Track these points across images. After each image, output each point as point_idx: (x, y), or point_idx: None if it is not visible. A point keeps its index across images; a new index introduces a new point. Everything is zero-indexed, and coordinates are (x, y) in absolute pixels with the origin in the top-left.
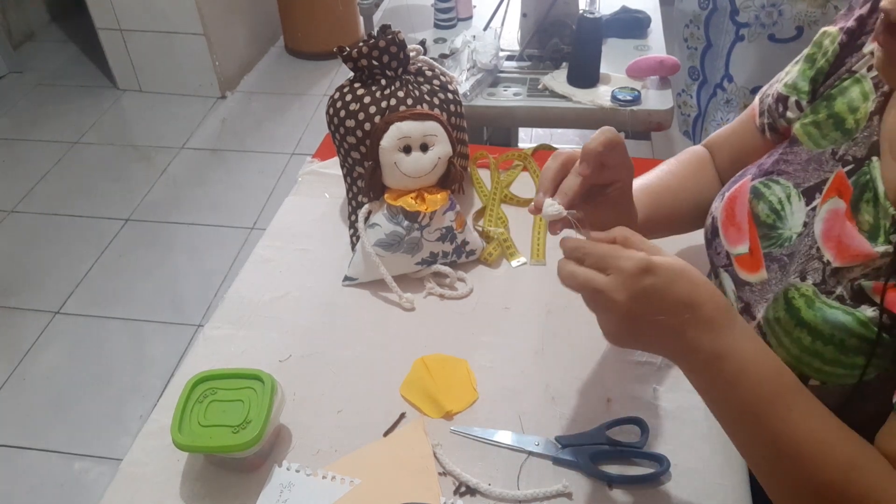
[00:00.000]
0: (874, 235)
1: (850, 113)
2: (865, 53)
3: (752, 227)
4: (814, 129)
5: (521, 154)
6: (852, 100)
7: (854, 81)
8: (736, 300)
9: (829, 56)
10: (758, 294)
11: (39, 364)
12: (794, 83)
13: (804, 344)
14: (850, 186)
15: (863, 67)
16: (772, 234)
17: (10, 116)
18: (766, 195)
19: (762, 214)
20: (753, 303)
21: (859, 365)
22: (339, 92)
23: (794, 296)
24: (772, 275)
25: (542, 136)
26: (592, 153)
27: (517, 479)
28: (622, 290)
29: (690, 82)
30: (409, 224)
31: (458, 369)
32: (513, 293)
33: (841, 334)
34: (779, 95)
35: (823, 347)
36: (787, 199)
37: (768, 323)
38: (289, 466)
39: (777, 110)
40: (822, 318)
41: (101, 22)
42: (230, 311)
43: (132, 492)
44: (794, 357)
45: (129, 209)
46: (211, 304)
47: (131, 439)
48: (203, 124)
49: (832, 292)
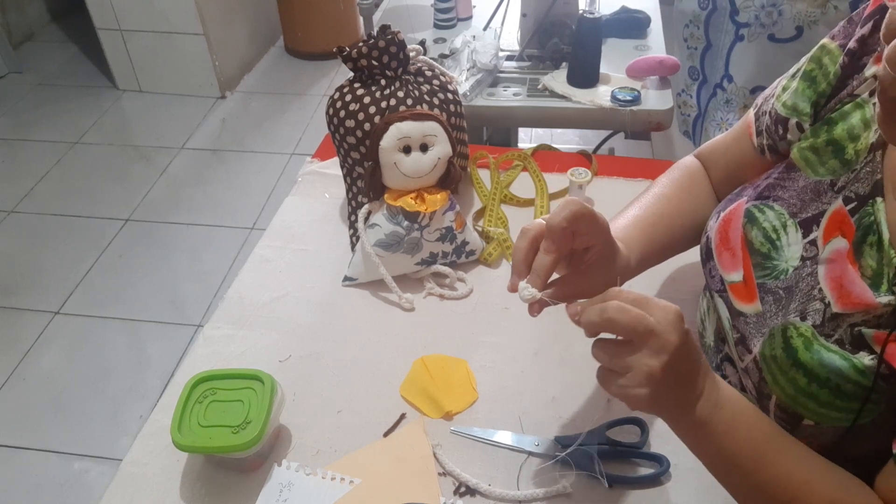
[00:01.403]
0: (877, 283)
1: (851, 141)
2: (867, 77)
3: (745, 255)
4: (812, 154)
5: (521, 154)
6: (853, 126)
7: (855, 106)
8: (731, 329)
9: (830, 79)
10: (753, 327)
11: (39, 364)
12: (793, 105)
13: (799, 385)
14: (852, 225)
15: (865, 91)
16: (766, 263)
17: (10, 116)
18: (760, 221)
19: (756, 242)
20: (749, 336)
21: (854, 409)
22: (338, 92)
23: (792, 335)
24: (766, 307)
25: (542, 136)
26: (557, 229)
27: (517, 479)
28: (674, 329)
29: (690, 82)
30: (408, 224)
31: (457, 369)
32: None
33: (837, 379)
34: (777, 117)
35: (819, 390)
36: (783, 229)
37: (765, 359)
38: (289, 466)
39: (777, 132)
40: (818, 362)
41: (101, 22)
42: (230, 311)
43: (132, 492)
44: (789, 396)
45: (129, 209)
46: (211, 304)
47: (131, 439)
48: (203, 124)
49: (831, 335)
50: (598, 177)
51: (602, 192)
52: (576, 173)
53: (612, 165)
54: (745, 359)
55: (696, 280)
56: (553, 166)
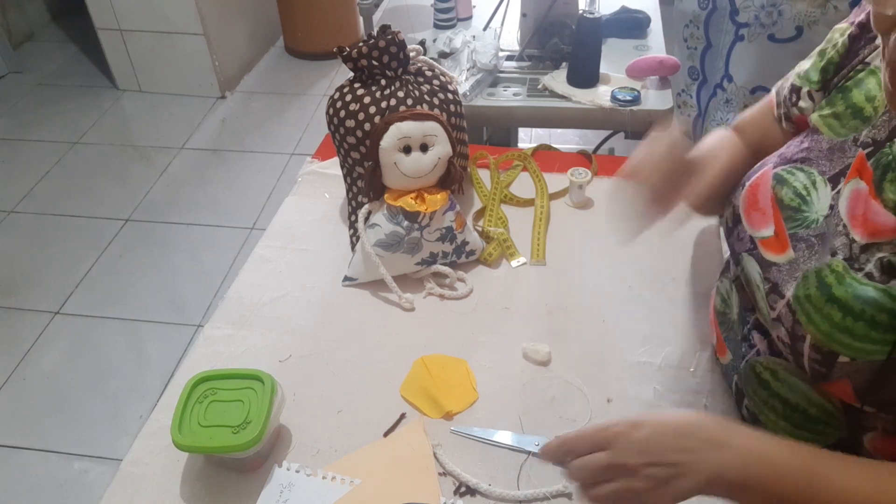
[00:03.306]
0: None
1: (868, 102)
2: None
3: (776, 211)
4: (833, 120)
5: (521, 154)
6: (869, 90)
7: (869, 73)
8: (762, 281)
9: (839, 48)
10: (786, 273)
11: (39, 364)
12: (805, 74)
13: (834, 320)
14: (869, 168)
15: (877, 59)
16: (797, 216)
17: (10, 116)
18: (790, 181)
19: (786, 198)
20: (781, 282)
21: (889, 341)
22: (338, 92)
23: (826, 274)
24: (799, 254)
25: (541, 136)
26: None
27: (517, 479)
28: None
29: (690, 82)
30: (408, 224)
31: (458, 369)
32: (513, 293)
33: (871, 310)
34: (792, 87)
35: (854, 323)
36: (813, 186)
37: (798, 300)
38: (289, 466)
39: (790, 100)
40: (852, 294)
41: (101, 22)
42: (230, 311)
43: (132, 492)
44: (824, 333)
45: (129, 209)
46: (211, 304)
47: (131, 439)
48: (203, 124)
49: (862, 269)
50: (598, 177)
51: (602, 192)
52: (576, 173)
53: (612, 165)
54: (778, 306)
55: (697, 283)
56: (553, 166)
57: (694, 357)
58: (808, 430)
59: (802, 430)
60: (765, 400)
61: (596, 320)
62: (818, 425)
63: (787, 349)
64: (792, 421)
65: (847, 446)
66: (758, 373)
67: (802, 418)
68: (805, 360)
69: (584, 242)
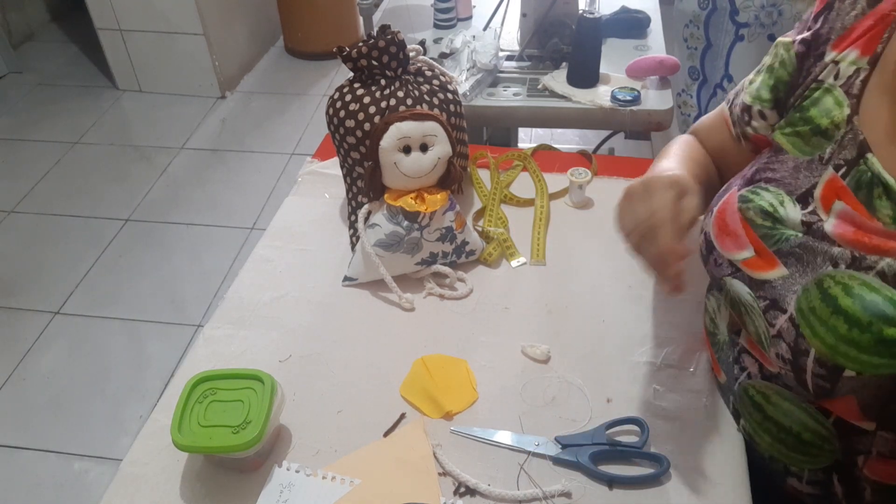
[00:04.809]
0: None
1: (828, 119)
2: (828, 62)
3: (748, 231)
4: (797, 138)
5: (521, 154)
6: (828, 108)
7: (824, 91)
8: (755, 300)
9: (787, 66)
10: (782, 289)
11: (39, 364)
12: (757, 93)
13: (840, 332)
14: (848, 189)
15: (829, 77)
16: (773, 233)
17: (10, 116)
18: (756, 201)
19: (757, 219)
20: (780, 298)
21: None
22: (338, 92)
23: (829, 285)
24: (792, 269)
25: (542, 136)
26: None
27: (517, 479)
28: None
29: (690, 82)
30: (408, 224)
31: (457, 369)
32: (513, 293)
33: (879, 323)
34: (743, 106)
35: (860, 335)
36: (781, 204)
37: (802, 314)
38: (289, 467)
39: (743, 119)
40: (860, 306)
41: (101, 22)
42: (230, 311)
43: (132, 492)
44: (829, 346)
45: (129, 209)
46: (211, 304)
47: (131, 439)
48: (203, 124)
49: (871, 268)
50: (598, 177)
51: (602, 192)
52: (576, 173)
53: (612, 165)
54: (778, 321)
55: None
56: (553, 166)
57: (694, 357)
58: (801, 453)
59: (796, 452)
60: (759, 422)
61: (596, 320)
62: (812, 449)
63: (788, 366)
64: (786, 444)
65: (842, 469)
66: (751, 395)
67: (796, 442)
68: (808, 375)
69: (583, 242)
